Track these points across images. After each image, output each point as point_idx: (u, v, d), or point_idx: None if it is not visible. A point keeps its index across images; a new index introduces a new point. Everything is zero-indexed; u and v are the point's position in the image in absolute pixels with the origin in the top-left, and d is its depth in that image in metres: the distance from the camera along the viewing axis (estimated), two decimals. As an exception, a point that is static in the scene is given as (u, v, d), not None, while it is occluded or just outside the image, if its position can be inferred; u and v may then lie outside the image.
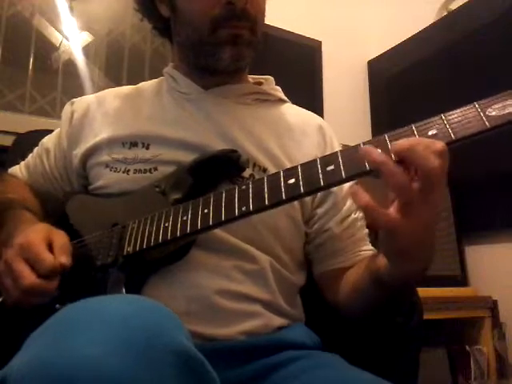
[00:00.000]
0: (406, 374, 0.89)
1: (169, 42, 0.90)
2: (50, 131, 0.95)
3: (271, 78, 0.92)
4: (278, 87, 0.92)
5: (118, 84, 0.95)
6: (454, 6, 2.11)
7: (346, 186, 0.80)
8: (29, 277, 0.60)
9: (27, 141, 1.06)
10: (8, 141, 1.25)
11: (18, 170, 0.92)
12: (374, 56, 2.47)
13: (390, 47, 2.37)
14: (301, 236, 0.81)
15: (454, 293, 1.77)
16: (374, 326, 0.79)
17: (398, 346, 0.89)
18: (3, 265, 0.64)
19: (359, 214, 0.83)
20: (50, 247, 0.64)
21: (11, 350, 0.45)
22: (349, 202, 0.82)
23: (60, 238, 0.66)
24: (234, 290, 0.69)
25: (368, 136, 2.39)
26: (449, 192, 1.91)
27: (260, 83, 0.90)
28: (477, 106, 0.50)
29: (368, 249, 0.82)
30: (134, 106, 0.85)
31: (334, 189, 0.80)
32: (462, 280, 1.85)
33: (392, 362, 0.87)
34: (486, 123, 0.48)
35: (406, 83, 2.26)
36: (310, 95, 2.22)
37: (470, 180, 1.90)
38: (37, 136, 0.96)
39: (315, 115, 0.93)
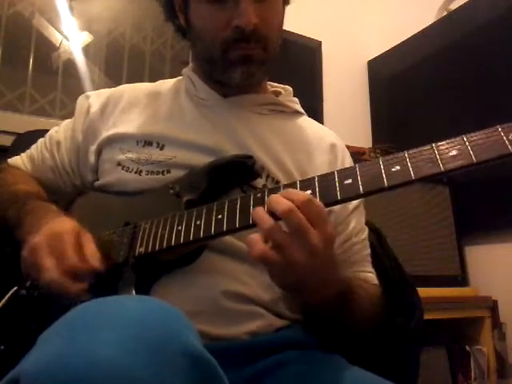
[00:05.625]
0: (406, 374, 0.89)
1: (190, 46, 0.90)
2: (54, 127, 0.93)
3: (290, 89, 0.92)
4: (296, 99, 0.91)
5: (118, 84, 0.94)
6: (453, 6, 2.11)
7: (351, 205, 0.81)
8: (52, 271, 0.59)
9: (27, 141, 1.06)
10: (8, 141, 1.25)
11: (19, 161, 0.90)
12: (374, 56, 2.47)
13: (389, 47, 2.37)
14: None
15: (454, 293, 1.77)
16: (375, 326, 0.79)
17: (398, 346, 0.89)
18: (29, 252, 0.63)
19: (360, 237, 0.82)
20: (80, 247, 0.63)
21: (20, 346, 0.45)
22: (351, 225, 0.81)
23: (89, 239, 0.65)
24: (241, 293, 0.70)
25: (368, 136, 2.39)
26: (449, 192, 1.92)
27: (278, 93, 0.91)
28: (500, 129, 0.49)
29: (364, 270, 0.81)
30: (152, 105, 0.85)
31: (338, 208, 0.79)
32: (462, 280, 1.85)
33: (392, 362, 0.87)
34: (509, 148, 0.48)
35: (405, 83, 2.26)
36: (310, 95, 2.22)
37: (470, 180, 1.90)
38: (37, 136, 0.95)
39: (329, 131, 0.92)
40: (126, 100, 0.86)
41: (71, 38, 1.84)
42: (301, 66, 2.25)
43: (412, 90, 2.21)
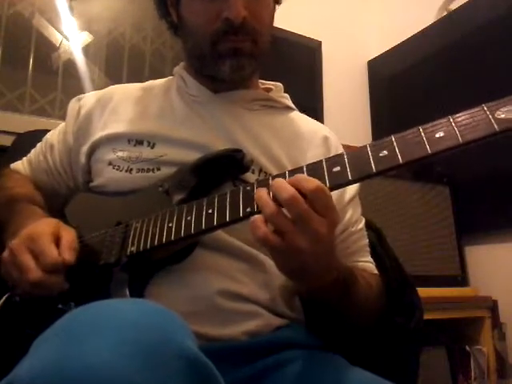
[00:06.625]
0: (406, 374, 0.89)
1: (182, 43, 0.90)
2: (50, 131, 0.95)
3: (280, 85, 0.92)
4: (286, 95, 0.92)
5: (118, 84, 0.95)
6: (453, 6, 2.11)
7: (347, 197, 0.82)
8: (34, 271, 0.61)
9: (27, 141, 1.06)
10: (8, 141, 1.25)
11: (20, 165, 0.92)
12: (374, 56, 2.47)
13: (389, 47, 2.37)
14: None
15: (454, 293, 1.77)
16: (374, 325, 0.79)
17: (398, 346, 0.89)
18: (9, 254, 0.64)
19: (357, 227, 0.82)
20: (58, 242, 0.64)
21: (16, 352, 0.45)
22: (348, 215, 0.81)
23: (68, 233, 0.67)
24: (237, 292, 0.69)
25: (368, 136, 2.39)
26: (449, 192, 1.92)
27: (269, 89, 0.91)
28: (485, 108, 0.48)
29: (362, 260, 0.82)
30: (143, 103, 0.85)
31: (334, 199, 0.79)
32: (462, 280, 1.85)
33: (392, 362, 0.87)
34: (495, 126, 0.47)
35: (405, 83, 2.26)
36: (310, 95, 2.22)
37: (470, 180, 1.90)
38: (37, 136, 0.96)
39: (322, 125, 0.93)
40: (116, 100, 0.86)
41: (71, 38, 1.84)
42: (301, 65, 2.25)
43: (412, 89, 2.21)
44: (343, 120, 2.23)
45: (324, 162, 0.56)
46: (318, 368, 0.66)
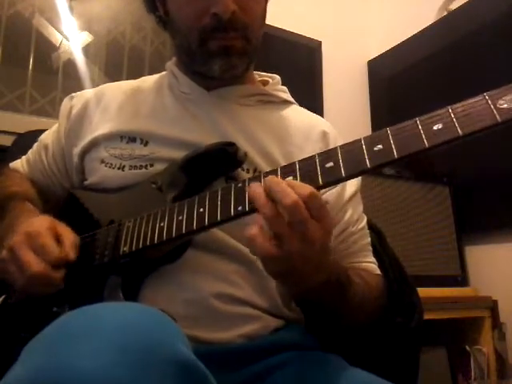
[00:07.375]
0: (406, 374, 0.89)
1: (170, 38, 0.89)
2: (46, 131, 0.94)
3: (277, 78, 0.90)
4: (284, 87, 0.89)
5: (118, 84, 0.94)
6: (454, 6, 2.11)
7: (347, 195, 0.80)
8: (36, 264, 0.60)
9: (27, 141, 1.06)
10: (8, 141, 1.25)
11: (19, 164, 0.91)
12: (374, 56, 2.47)
13: (389, 47, 2.37)
14: None
15: (454, 293, 1.77)
16: (374, 326, 0.78)
17: (397, 346, 0.89)
18: (8, 252, 0.63)
19: (358, 226, 0.80)
20: (58, 239, 0.64)
21: (9, 352, 0.44)
22: (348, 214, 0.79)
23: (67, 230, 0.67)
24: (233, 295, 0.68)
25: (368, 136, 2.39)
26: (449, 192, 1.92)
27: (266, 82, 0.88)
28: (487, 97, 0.45)
29: (364, 261, 0.80)
30: (135, 101, 0.84)
31: (333, 198, 0.77)
32: (462, 280, 1.85)
33: (392, 362, 0.87)
34: (497, 117, 0.44)
35: (406, 83, 2.26)
36: (310, 95, 2.22)
37: (470, 180, 1.90)
38: (37, 136, 0.96)
39: (321, 119, 0.90)
40: (108, 98, 0.85)
41: (71, 38, 1.84)
42: (301, 66, 2.25)
43: (412, 89, 2.21)
44: (343, 120, 2.22)
45: (317, 158, 0.54)
46: (317, 369, 0.65)
